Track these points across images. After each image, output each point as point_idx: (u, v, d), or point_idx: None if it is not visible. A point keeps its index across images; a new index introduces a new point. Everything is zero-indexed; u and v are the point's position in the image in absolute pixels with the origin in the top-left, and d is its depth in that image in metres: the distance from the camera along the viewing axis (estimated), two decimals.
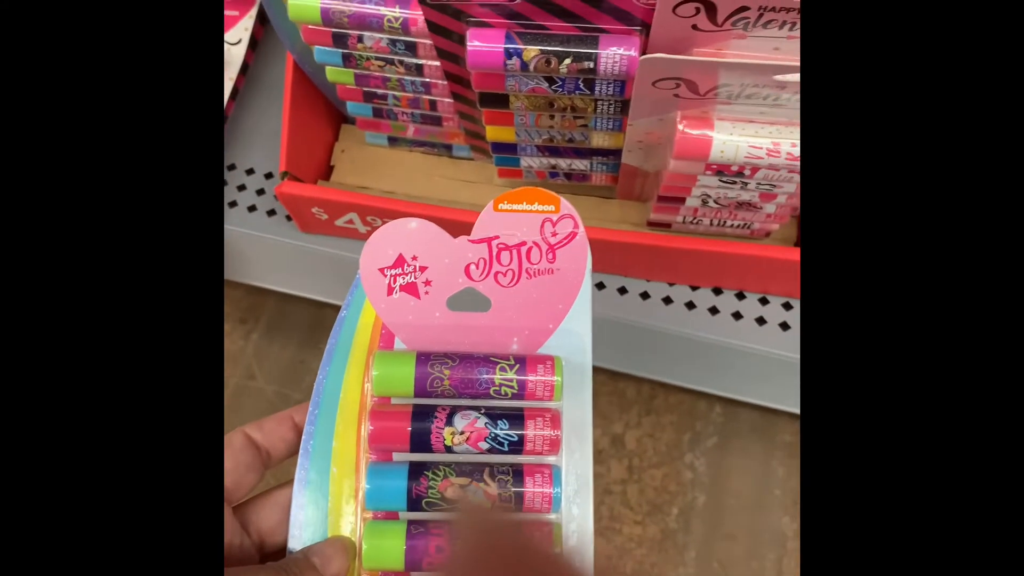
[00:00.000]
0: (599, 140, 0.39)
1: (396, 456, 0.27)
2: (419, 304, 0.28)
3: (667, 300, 0.47)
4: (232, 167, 0.53)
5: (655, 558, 0.51)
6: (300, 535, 0.27)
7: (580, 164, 0.43)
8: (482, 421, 0.27)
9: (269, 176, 0.52)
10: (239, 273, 0.50)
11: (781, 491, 0.52)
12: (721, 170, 0.34)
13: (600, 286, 0.48)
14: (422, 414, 0.27)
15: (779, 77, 0.29)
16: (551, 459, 0.28)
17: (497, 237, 0.28)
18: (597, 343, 0.47)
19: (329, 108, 0.50)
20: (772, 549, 0.51)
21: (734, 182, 0.35)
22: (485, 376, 0.27)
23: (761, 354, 0.46)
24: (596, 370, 0.52)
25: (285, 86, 0.45)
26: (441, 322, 0.28)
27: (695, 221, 0.42)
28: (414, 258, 0.28)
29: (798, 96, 0.30)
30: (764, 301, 0.46)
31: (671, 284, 0.47)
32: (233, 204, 0.51)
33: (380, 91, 0.42)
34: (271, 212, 0.51)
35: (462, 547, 0.26)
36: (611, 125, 0.38)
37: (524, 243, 0.28)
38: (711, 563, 0.51)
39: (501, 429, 0.27)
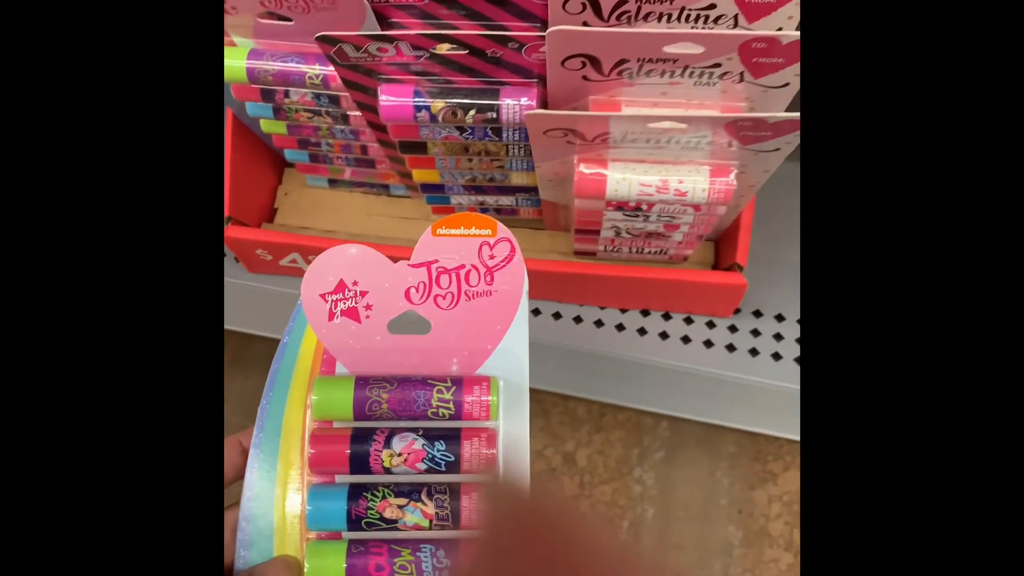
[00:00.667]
0: (518, 179, 0.42)
1: (338, 478, 0.28)
2: (360, 328, 0.29)
3: (599, 323, 0.49)
4: None
5: None
6: (246, 555, 0.28)
7: (506, 200, 0.45)
8: (420, 443, 0.28)
9: None
10: None
11: (726, 501, 0.54)
12: (620, 206, 0.36)
13: (536, 312, 0.50)
14: (361, 437, 0.28)
15: (652, 125, 0.31)
16: None
17: (436, 261, 0.29)
18: (538, 367, 0.49)
19: (271, 153, 0.52)
20: (719, 558, 0.52)
21: (636, 215, 0.37)
22: (422, 398, 0.28)
23: (687, 371, 0.48)
24: (548, 392, 0.54)
25: (225, 135, 0.47)
26: (382, 345, 0.29)
27: (615, 250, 0.45)
28: (355, 283, 0.29)
29: (677, 138, 0.33)
30: (688, 320, 0.49)
31: (602, 308, 0.49)
32: None
33: (313, 139, 0.45)
34: None
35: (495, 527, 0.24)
36: (525, 165, 0.40)
37: (463, 266, 0.29)
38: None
39: (438, 450, 0.28)
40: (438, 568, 0.27)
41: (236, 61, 0.39)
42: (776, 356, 0.48)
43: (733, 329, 0.49)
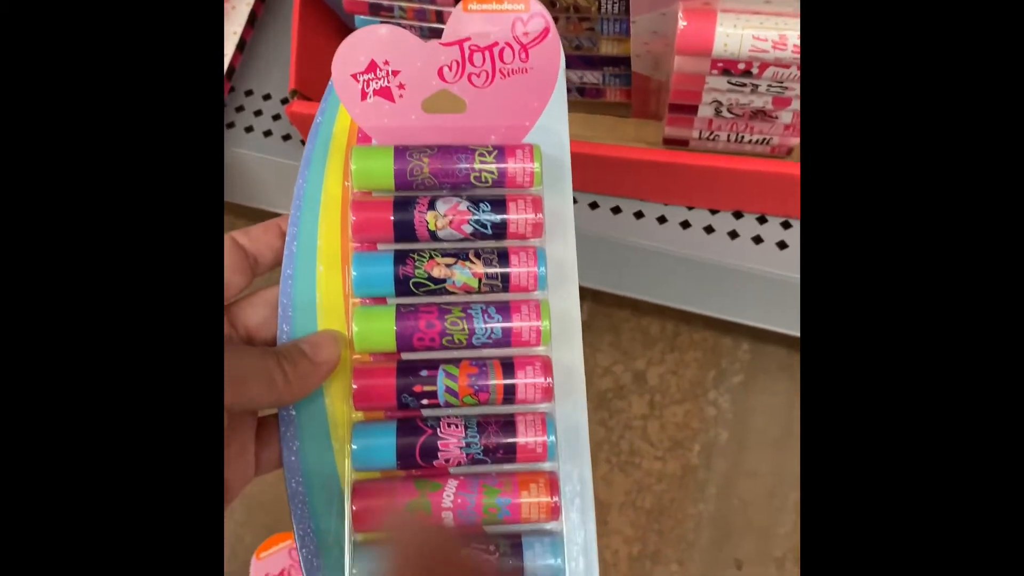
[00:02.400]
0: (607, 47, 0.38)
1: (381, 247, 0.28)
2: (394, 107, 0.28)
3: (685, 224, 0.45)
4: (249, 92, 0.53)
5: (675, 493, 0.50)
6: (288, 330, 0.27)
7: (592, 77, 0.41)
8: (464, 204, 0.27)
9: (285, 101, 0.52)
10: (251, 197, 0.51)
11: None
12: (727, 68, 0.32)
13: (616, 210, 0.46)
14: (404, 202, 0.27)
15: None
16: (534, 242, 0.28)
17: (469, 39, 0.28)
18: (612, 269, 0.46)
19: (340, 29, 0.49)
20: (794, 488, 0.49)
21: (743, 84, 0.33)
22: (464, 165, 0.27)
23: (778, 278, 0.44)
24: (620, 303, 0.51)
25: (294, 4, 0.44)
26: (417, 124, 0.28)
27: (712, 136, 0.40)
28: (386, 63, 0.28)
29: None
30: (786, 225, 0.45)
31: (689, 208, 0.45)
32: (249, 129, 0.52)
33: (386, 2, 0.41)
34: (286, 136, 0.51)
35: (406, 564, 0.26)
36: (618, 28, 0.36)
37: (496, 44, 0.28)
38: (731, 500, 0.50)
39: (484, 212, 0.27)
40: (489, 322, 0.27)
41: None
42: None
43: None
